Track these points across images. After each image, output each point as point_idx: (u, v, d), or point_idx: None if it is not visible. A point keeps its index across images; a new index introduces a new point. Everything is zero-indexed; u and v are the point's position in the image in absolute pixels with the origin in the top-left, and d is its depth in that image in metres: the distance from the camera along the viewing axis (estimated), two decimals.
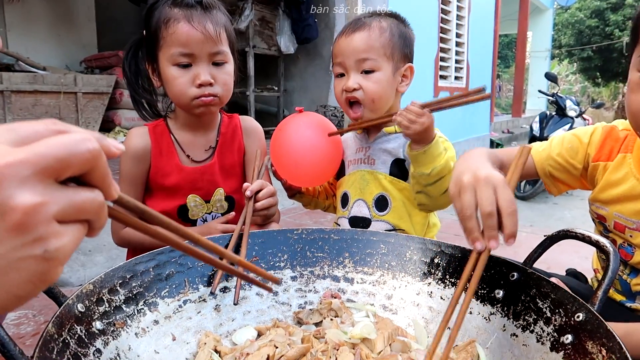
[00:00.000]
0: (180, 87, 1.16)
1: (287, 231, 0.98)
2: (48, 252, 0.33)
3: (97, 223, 0.36)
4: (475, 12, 7.26)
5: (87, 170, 0.35)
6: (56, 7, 5.48)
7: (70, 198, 0.34)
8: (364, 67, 1.20)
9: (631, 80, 0.76)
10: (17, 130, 0.33)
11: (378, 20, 1.23)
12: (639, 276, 0.92)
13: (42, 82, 4.43)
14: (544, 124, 6.09)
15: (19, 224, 0.31)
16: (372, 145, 1.31)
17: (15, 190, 0.30)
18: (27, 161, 0.31)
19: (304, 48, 5.66)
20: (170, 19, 1.13)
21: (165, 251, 0.86)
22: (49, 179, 0.32)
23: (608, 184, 0.94)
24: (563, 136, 1.03)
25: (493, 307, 0.78)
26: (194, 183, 1.27)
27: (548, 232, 2.65)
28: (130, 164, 1.24)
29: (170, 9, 1.15)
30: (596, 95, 19.14)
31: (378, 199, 1.28)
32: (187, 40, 1.13)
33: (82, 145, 0.33)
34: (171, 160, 1.26)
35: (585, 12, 17.15)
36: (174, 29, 1.13)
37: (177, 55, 1.14)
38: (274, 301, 0.91)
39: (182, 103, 1.20)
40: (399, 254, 0.93)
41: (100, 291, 0.72)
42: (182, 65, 1.15)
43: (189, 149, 1.28)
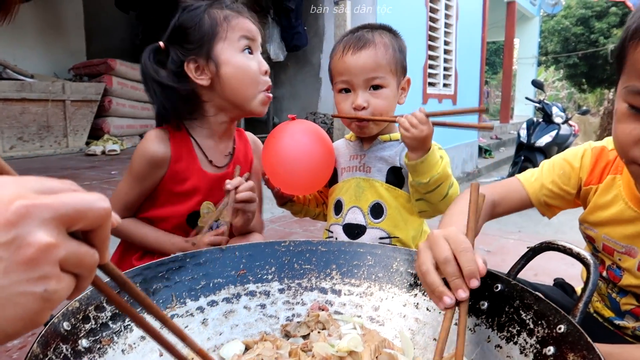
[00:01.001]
0: (254, 71, 1.22)
1: (275, 243, 0.99)
2: (47, 292, 0.35)
3: (84, 282, 0.39)
4: (463, 20, 7.33)
5: (95, 227, 0.38)
6: (44, 15, 5.45)
7: (75, 248, 0.37)
8: (372, 84, 1.22)
9: (618, 110, 0.75)
10: (42, 182, 0.37)
11: (379, 35, 1.25)
12: (628, 296, 0.92)
13: (30, 90, 4.40)
14: (531, 130, 6.17)
15: (30, 259, 0.33)
16: (367, 153, 1.32)
17: (34, 228, 0.34)
18: (50, 206, 0.35)
19: (293, 55, 5.68)
20: (229, 15, 1.22)
21: (152, 266, 0.86)
22: (63, 227, 0.36)
23: (597, 206, 0.93)
24: (553, 162, 1.02)
25: (478, 318, 0.79)
26: (212, 190, 1.28)
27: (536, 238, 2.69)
28: (146, 167, 1.22)
29: (221, 10, 1.23)
30: (582, 101, 19.40)
31: (374, 206, 1.29)
32: (249, 28, 1.23)
33: (98, 203, 0.38)
34: (192, 166, 1.25)
35: (571, 19, 17.43)
36: (237, 21, 1.22)
37: (244, 40, 1.22)
38: (261, 314, 0.92)
39: (249, 94, 1.23)
40: (386, 265, 0.94)
41: (87, 308, 0.71)
42: (248, 51, 1.23)
43: (212, 154, 1.29)
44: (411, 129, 1.10)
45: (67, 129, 4.79)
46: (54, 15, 5.62)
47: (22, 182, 0.36)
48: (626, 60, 0.72)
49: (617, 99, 0.75)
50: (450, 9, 6.95)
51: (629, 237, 0.87)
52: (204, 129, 1.28)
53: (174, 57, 1.23)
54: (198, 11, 1.22)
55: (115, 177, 3.49)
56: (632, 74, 0.71)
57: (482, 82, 8.89)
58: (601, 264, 0.97)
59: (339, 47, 1.26)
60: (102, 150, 4.73)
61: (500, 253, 2.45)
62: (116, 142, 5.06)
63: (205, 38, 1.20)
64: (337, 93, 1.28)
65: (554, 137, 6.04)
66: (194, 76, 1.21)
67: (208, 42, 1.20)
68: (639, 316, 0.90)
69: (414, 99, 6.11)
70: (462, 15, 7.27)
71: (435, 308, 0.85)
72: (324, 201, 1.45)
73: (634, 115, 0.72)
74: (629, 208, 0.87)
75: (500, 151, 10.04)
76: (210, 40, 1.20)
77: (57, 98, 4.64)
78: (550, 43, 18.37)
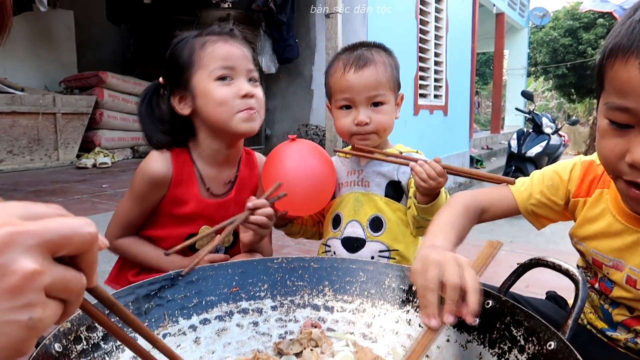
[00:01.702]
0: (225, 97, 1.18)
1: (267, 260, 0.99)
2: (32, 320, 0.34)
3: (72, 306, 0.39)
4: (452, 32, 7.41)
5: (81, 252, 0.38)
6: (35, 27, 5.44)
7: (61, 274, 0.36)
8: (374, 101, 1.25)
9: (600, 127, 0.76)
10: (28, 207, 0.37)
11: (377, 54, 1.27)
12: (620, 307, 0.93)
13: (20, 103, 4.38)
14: (521, 141, 6.22)
15: (14, 287, 0.33)
16: (364, 168, 1.34)
17: (19, 255, 0.33)
18: (35, 232, 0.34)
19: (285, 67, 5.70)
20: (205, 42, 1.20)
21: (144, 284, 0.85)
22: (48, 253, 0.35)
23: (585, 219, 0.94)
24: (543, 173, 1.03)
25: (470, 334, 0.79)
26: (210, 216, 1.27)
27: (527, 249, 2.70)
28: (146, 186, 1.22)
29: (202, 38, 1.21)
30: (571, 111, 19.62)
31: (373, 219, 1.30)
32: (227, 55, 1.19)
33: (84, 228, 0.37)
34: (190, 191, 1.25)
35: (559, 31, 17.69)
36: (213, 47, 1.19)
37: (219, 69, 1.18)
38: (254, 332, 0.91)
39: (224, 117, 1.19)
40: (378, 281, 0.94)
41: (78, 329, 0.71)
42: (224, 78, 1.19)
43: (210, 181, 1.28)
44: (429, 180, 1.12)
45: (57, 142, 4.76)
46: (45, 28, 5.61)
47: (6, 209, 0.36)
48: (605, 78, 0.73)
49: (598, 115, 0.76)
50: (440, 21, 7.03)
51: (616, 250, 0.88)
52: (203, 155, 1.28)
53: (166, 91, 1.26)
54: (182, 43, 1.23)
55: (106, 190, 3.47)
56: (610, 91, 0.72)
57: (473, 92, 8.98)
58: (593, 275, 0.98)
59: (338, 64, 1.28)
60: (93, 163, 4.70)
61: (492, 264, 2.44)
62: (107, 154, 5.03)
63: (184, 69, 1.20)
64: (337, 109, 1.30)
65: (544, 147, 6.10)
66: (178, 108, 1.23)
67: (186, 72, 1.20)
68: (630, 327, 0.91)
69: (405, 110, 6.15)
70: (452, 26, 7.36)
71: None
72: (319, 220, 1.45)
73: (615, 131, 0.73)
74: (616, 221, 0.88)
75: (491, 161, 10.11)
76: (188, 70, 1.20)
77: (48, 111, 4.61)
78: (539, 54, 18.62)
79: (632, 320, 0.91)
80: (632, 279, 0.86)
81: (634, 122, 0.69)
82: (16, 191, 3.33)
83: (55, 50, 5.76)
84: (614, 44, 0.70)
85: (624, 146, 0.72)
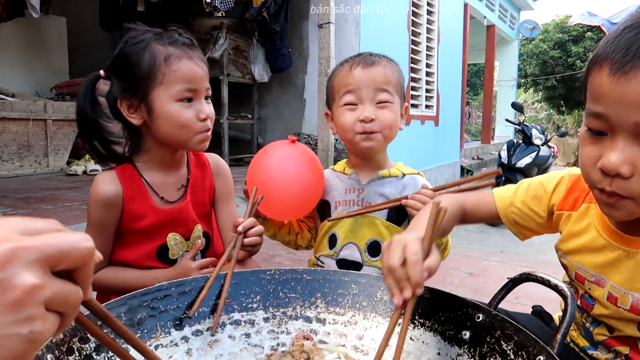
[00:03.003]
0: (188, 121, 1.16)
1: (260, 272, 0.99)
2: (33, 333, 0.35)
3: (68, 319, 0.39)
4: (444, 43, 7.49)
5: (79, 266, 0.39)
6: (27, 33, 5.43)
7: (60, 287, 0.37)
8: (380, 99, 1.23)
9: (581, 135, 0.78)
10: (26, 222, 0.38)
11: (384, 59, 1.27)
12: (601, 326, 0.93)
13: (11, 109, 4.35)
14: (511, 152, 6.28)
15: (16, 301, 0.34)
16: (366, 187, 1.30)
17: (20, 270, 0.34)
18: (35, 247, 0.35)
19: (277, 77, 5.73)
20: (171, 56, 1.15)
21: (137, 295, 0.85)
22: (47, 267, 0.36)
23: (571, 233, 0.94)
24: (530, 183, 1.03)
25: (460, 348, 0.80)
26: (174, 222, 1.26)
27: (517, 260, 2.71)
28: (101, 211, 1.19)
29: (164, 47, 1.15)
30: (561, 122, 19.84)
31: (371, 244, 1.27)
32: (193, 76, 1.16)
33: (82, 243, 0.38)
34: (145, 203, 1.22)
35: (549, 43, 17.93)
36: (178, 66, 1.15)
37: (183, 91, 1.15)
38: (246, 343, 0.92)
39: (183, 138, 1.18)
40: (370, 294, 0.95)
41: (71, 340, 0.71)
42: (187, 100, 1.16)
43: (161, 190, 1.26)
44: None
45: (47, 148, 4.73)
46: (37, 34, 5.59)
47: (6, 224, 0.37)
48: (587, 85, 0.75)
49: (582, 124, 0.78)
50: (431, 32, 7.10)
51: (599, 266, 0.88)
52: (150, 163, 1.25)
53: (112, 90, 1.19)
54: (141, 45, 1.16)
55: None
56: (588, 98, 0.74)
57: (464, 103, 9.05)
58: (575, 292, 0.98)
59: (343, 66, 1.27)
60: (84, 170, 4.68)
61: (482, 275, 2.47)
62: (94, 180, 5.00)
63: (141, 80, 1.15)
64: (340, 108, 1.26)
65: (533, 159, 6.16)
66: (126, 114, 1.18)
67: (144, 84, 1.15)
68: (610, 347, 0.91)
69: None
70: (443, 37, 7.44)
71: (418, 338, 0.86)
72: (298, 232, 1.42)
73: (591, 138, 0.75)
74: (600, 236, 0.88)
75: (481, 171, 10.17)
76: (147, 83, 1.15)
77: (39, 117, 4.58)
78: (529, 66, 18.83)
79: (612, 340, 0.91)
80: (613, 296, 0.86)
81: (607, 129, 0.71)
82: (5, 198, 3.30)
83: (47, 57, 5.74)
84: (594, 54, 0.73)
85: (597, 153, 0.73)
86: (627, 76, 0.66)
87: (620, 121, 0.68)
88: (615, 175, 0.70)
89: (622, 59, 0.66)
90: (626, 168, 0.69)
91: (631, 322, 0.86)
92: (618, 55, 0.67)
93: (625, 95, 0.66)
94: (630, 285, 0.83)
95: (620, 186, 0.71)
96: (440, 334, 0.84)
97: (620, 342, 0.90)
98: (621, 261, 0.85)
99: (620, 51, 0.67)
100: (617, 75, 0.67)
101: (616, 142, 0.69)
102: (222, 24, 5.07)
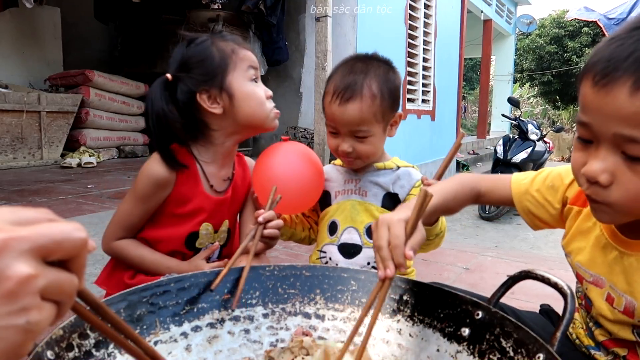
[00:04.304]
0: (262, 98, 1.28)
1: (259, 267, 0.99)
2: (29, 324, 0.35)
3: (65, 307, 0.39)
4: (441, 37, 7.48)
5: (73, 256, 0.38)
6: (21, 24, 5.37)
7: (55, 276, 0.37)
8: (357, 134, 1.26)
9: (573, 140, 0.79)
10: (18, 212, 0.38)
11: (368, 82, 1.24)
12: (602, 327, 0.93)
13: (4, 101, 4.32)
14: (507, 147, 6.31)
15: (10, 292, 0.34)
16: (362, 177, 1.35)
17: (13, 261, 0.34)
18: (28, 238, 0.35)
19: (274, 70, 5.71)
20: (235, 47, 1.27)
21: (136, 291, 0.85)
22: (40, 257, 0.36)
23: (578, 231, 0.94)
24: (549, 172, 1.02)
25: (459, 345, 0.80)
26: (212, 213, 1.30)
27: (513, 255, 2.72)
28: (152, 188, 1.23)
29: (225, 42, 1.27)
30: (556, 117, 19.90)
31: (369, 227, 1.31)
32: (254, 60, 1.30)
33: (75, 232, 0.38)
34: (196, 188, 1.27)
35: (545, 38, 17.96)
36: (244, 52, 1.28)
37: (252, 72, 1.28)
38: (245, 339, 0.92)
39: (263, 116, 1.28)
40: (369, 290, 0.95)
41: (70, 336, 0.71)
42: (254, 80, 1.28)
43: (212, 179, 1.30)
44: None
45: (42, 140, 4.70)
46: (31, 25, 5.53)
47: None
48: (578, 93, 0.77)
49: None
50: (429, 26, 7.09)
51: (599, 265, 0.89)
52: (208, 154, 1.30)
53: (184, 88, 1.24)
54: (205, 44, 1.25)
55: (92, 190, 3.43)
56: (579, 106, 0.76)
57: (460, 97, 9.06)
58: (581, 291, 0.99)
59: (331, 86, 1.27)
60: (78, 162, 4.65)
61: (478, 271, 2.48)
62: (92, 154, 4.98)
63: (218, 70, 1.24)
64: (327, 131, 1.33)
65: (529, 154, 6.19)
66: (207, 106, 1.23)
67: (221, 73, 1.24)
68: (609, 349, 0.92)
69: None
70: (440, 32, 7.43)
71: (418, 334, 0.86)
72: (310, 226, 1.46)
73: (580, 145, 0.76)
74: (602, 234, 0.89)
75: (477, 166, 10.21)
76: (223, 71, 1.24)
77: (33, 109, 4.55)
78: (525, 61, 18.87)
79: (610, 342, 0.91)
80: (611, 297, 0.87)
81: (592, 138, 0.73)
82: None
83: (41, 48, 5.69)
84: (589, 61, 0.74)
85: (584, 159, 0.75)
86: (605, 88, 0.67)
87: (602, 132, 0.70)
88: (594, 183, 0.73)
89: (603, 71, 0.68)
90: (605, 177, 0.71)
91: (625, 326, 0.86)
92: (600, 67, 0.69)
93: (605, 106, 0.68)
94: (625, 288, 0.84)
95: (595, 192, 0.74)
96: (440, 331, 0.84)
97: (618, 344, 0.90)
98: (616, 262, 0.85)
99: (602, 62, 0.68)
100: (598, 87, 0.68)
101: (599, 151, 0.72)
102: (218, 16, 5.04)
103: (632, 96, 0.65)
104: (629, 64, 0.65)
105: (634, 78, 0.64)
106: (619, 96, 0.66)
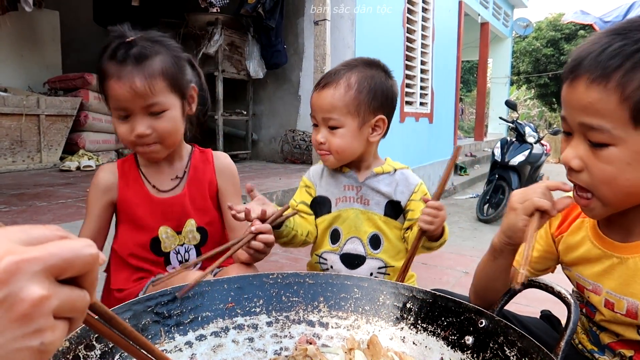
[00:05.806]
0: (123, 135, 1.23)
1: (263, 275, 0.99)
2: (43, 345, 0.35)
3: (77, 322, 0.39)
4: (438, 40, 7.50)
5: (84, 272, 0.38)
6: (20, 27, 5.36)
7: (67, 295, 0.37)
8: (329, 124, 1.26)
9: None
10: (28, 231, 0.37)
11: (349, 74, 1.25)
12: (607, 331, 0.95)
13: (3, 104, 4.31)
14: (505, 149, 6.31)
15: (24, 315, 0.34)
16: (363, 185, 1.34)
17: (26, 283, 0.34)
18: (39, 258, 0.35)
19: (272, 73, 5.71)
20: (106, 75, 1.18)
21: (141, 300, 0.86)
22: (52, 277, 0.36)
23: (568, 246, 0.97)
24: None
25: (463, 353, 0.81)
26: (164, 214, 1.30)
27: None
28: (96, 196, 1.30)
29: (107, 63, 1.18)
30: (553, 119, 19.95)
31: (372, 237, 1.32)
32: (118, 97, 1.18)
33: (86, 250, 0.38)
34: (139, 191, 1.31)
35: (542, 41, 18.01)
36: (109, 85, 1.18)
37: (115, 109, 1.21)
38: (249, 348, 0.92)
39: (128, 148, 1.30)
40: (372, 298, 0.95)
41: (77, 347, 0.71)
42: (122, 117, 1.21)
43: (154, 179, 1.33)
44: (435, 220, 1.13)
45: (41, 144, 4.69)
46: (30, 28, 5.52)
47: (6, 235, 0.36)
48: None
49: None
50: (426, 30, 7.10)
51: (595, 274, 0.91)
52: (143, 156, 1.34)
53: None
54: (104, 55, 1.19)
55: None
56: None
57: (457, 100, 9.07)
58: (581, 300, 1.00)
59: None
60: (77, 166, 4.64)
61: None
62: (91, 157, 4.96)
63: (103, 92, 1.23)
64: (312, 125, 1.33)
65: (527, 157, 6.19)
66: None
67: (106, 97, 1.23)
68: (616, 350, 0.93)
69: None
70: (438, 35, 7.45)
71: (421, 342, 0.87)
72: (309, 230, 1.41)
73: (565, 137, 0.85)
74: (594, 247, 0.92)
75: (475, 168, 10.23)
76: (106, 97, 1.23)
77: (32, 112, 4.54)
78: (522, 63, 18.91)
79: (616, 343, 0.93)
80: (610, 302, 0.89)
81: (569, 130, 0.83)
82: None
83: (40, 51, 5.68)
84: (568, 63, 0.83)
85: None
86: (572, 84, 0.78)
87: (572, 122, 0.80)
88: (570, 169, 0.82)
89: (570, 70, 0.79)
90: (576, 162, 0.80)
91: (630, 327, 0.88)
92: (569, 66, 0.80)
93: (571, 100, 0.79)
94: (624, 290, 0.86)
95: (575, 177, 0.83)
96: (444, 339, 0.85)
97: (625, 345, 0.92)
98: (615, 268, 0.88)
99: (571, 62, 0.79)
100: (568, 83, 0.80)
101: (572, 140, 0.82)
102: (217, 19, 5.05)
103: (588, 89, 0.75)
104: (587, 62, 0.76)
105: (588, 74, 0.75)
106: (579, 89, 0.77)
